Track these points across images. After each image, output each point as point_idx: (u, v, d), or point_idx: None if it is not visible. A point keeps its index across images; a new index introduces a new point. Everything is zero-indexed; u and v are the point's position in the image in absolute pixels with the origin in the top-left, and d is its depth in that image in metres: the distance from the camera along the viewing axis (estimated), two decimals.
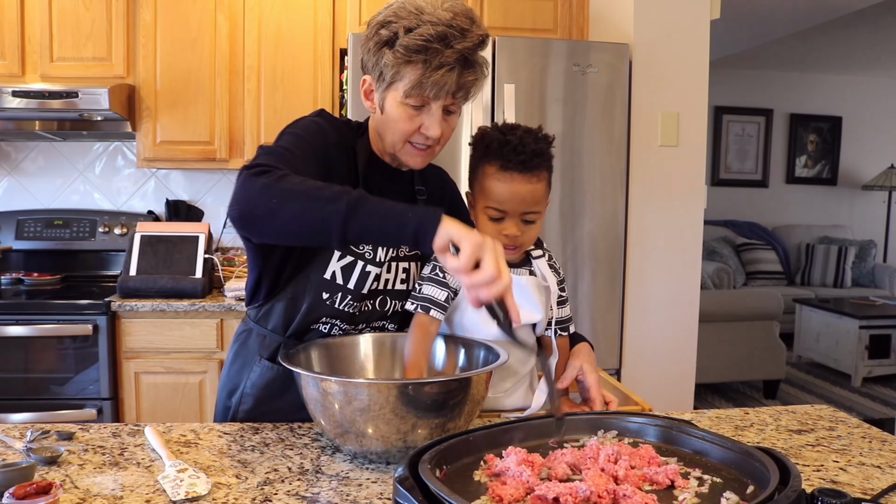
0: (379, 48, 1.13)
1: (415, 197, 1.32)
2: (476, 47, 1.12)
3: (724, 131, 6.91)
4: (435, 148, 1.21)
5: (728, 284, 5.82)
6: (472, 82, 1.14)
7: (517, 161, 1.19)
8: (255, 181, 0.98)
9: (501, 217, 1.22)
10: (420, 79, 1.10)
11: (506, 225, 1.22)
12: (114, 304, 2.52)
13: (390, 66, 1.12)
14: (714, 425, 1.22)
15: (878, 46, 5.87)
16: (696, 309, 2.83)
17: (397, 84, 1.13)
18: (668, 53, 2.72)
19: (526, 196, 1.21)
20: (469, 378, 1.01)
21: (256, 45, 2.82)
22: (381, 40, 1.13)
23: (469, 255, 0.89)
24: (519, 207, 1.21)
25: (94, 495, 0.90)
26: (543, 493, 0.74)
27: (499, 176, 1.20)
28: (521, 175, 1.19)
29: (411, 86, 1.11)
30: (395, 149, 1.21)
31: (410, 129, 1.16)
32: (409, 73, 1.11)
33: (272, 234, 1.03)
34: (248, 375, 1.27)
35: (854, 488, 0.96)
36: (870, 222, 7.16)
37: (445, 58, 1.09)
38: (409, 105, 1.14)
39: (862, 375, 4.82)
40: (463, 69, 1.11)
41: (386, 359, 1.25)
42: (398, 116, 1.16)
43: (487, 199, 1.22)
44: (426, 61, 1.09)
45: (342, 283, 1.20)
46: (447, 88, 1.11)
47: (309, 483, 0.96)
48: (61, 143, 3.13)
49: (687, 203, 2.79)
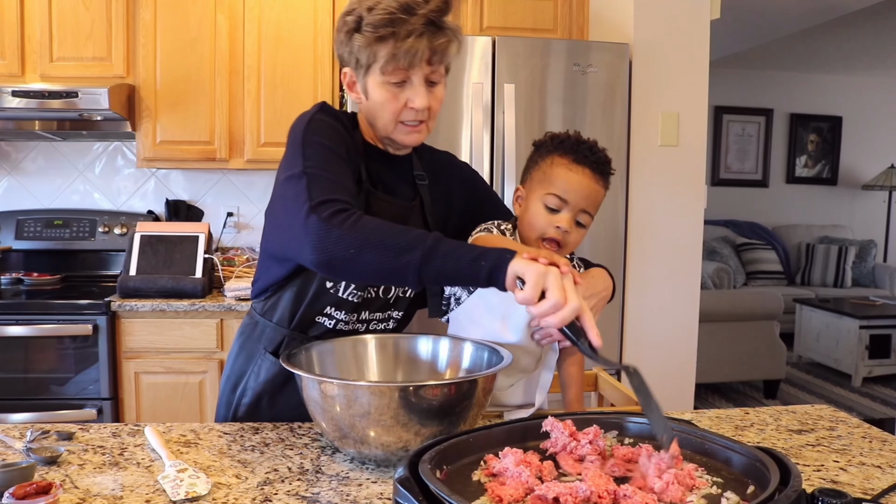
0: (349, 36, 1.15)
1: (415, 182, 1.32)
2: (440, 11, 1.13)
3: (724, 131, 6.91)
4: (428, 123, 1.21)
5: (728, 284, 5.82)
6: (444, 44, 1.14)
7: (592, 159, 1.24)
8: (331, 230, 1.00)
9: (559, 209, 1.23)
10: (392, 51, 1.11)
11: (561, 216, 1.23)
12: (114, 303, 2.52)
13: (363, 49, 1.14)
14: (714, 425, 1.22)
15: (879, 46, 5.87)
16: (696, 309, 2.83)
17: (374, 66, 1.14)
18: (668, 53, 2.72)
19: (591, 193, 1.24)
20: (474, 381, 1.00)
21: (256, 45, 2.82)
22: (349, 28, 1.15)
23: (533, 285, 0.91)
24: (580, 202, 1.23)
25: (94, 495, 0.90)
26: (543, 493, 0.74)
27: (571, 167, 1.23)
28: (591, 172, 1.23)
29: (386, 61, 1.12)
30: (387, 131, 1.21)
31: (397, 107, 1.17)
32: (382, 50, 1.12)
33: (351, 280, 1.13)
34: (252, 369, 1.28)
35: (854, 488, 0.96)
36: (870, 222, 7.16)
37: (412, 25, 1.10)
38: (390, 83, 1.15)
39: (862, 375, 4.82)
40: (432, 34, 1.12)
41: (389, 362, 1.25)
42: (383, 97, 1.17)
43: (552, 186, 1.23)
44: (394, 33, 1.11)
45: None
46: (420, 55, 1.12)
47: (309, 483, 0.96)
48: (61, 143, 3.13)
49: (687, 203, 2.79)
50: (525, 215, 1.27)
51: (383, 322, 1.30)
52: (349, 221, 1.00)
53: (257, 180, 3.20)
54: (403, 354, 1.25)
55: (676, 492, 0.75)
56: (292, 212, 1.06)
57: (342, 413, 0.97)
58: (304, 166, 1.09)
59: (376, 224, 1.01)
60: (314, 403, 1.02)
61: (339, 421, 0.98)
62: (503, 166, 2.52)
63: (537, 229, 1.25)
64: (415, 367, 1.24)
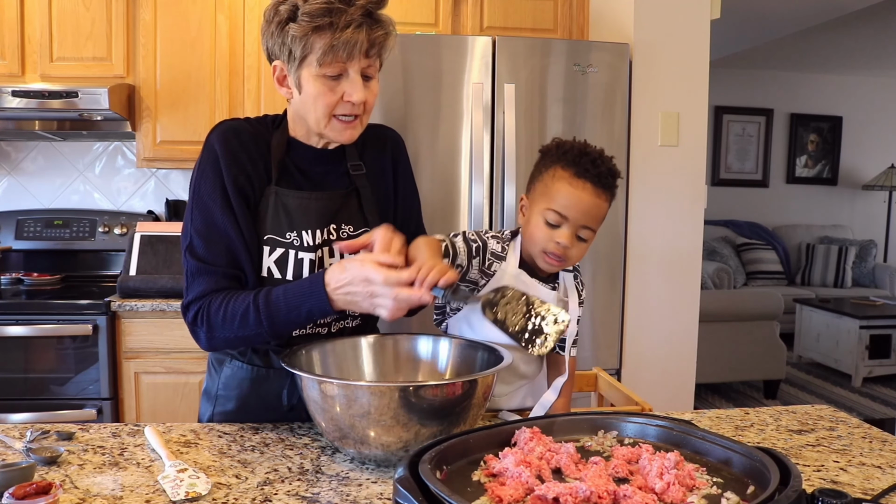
0: (282, 27, 1.12)
1: (349, 173, 1.27)
2: (378, 2, 1.11)
3: (724, 131, 6.91)
4: (362, 118, 1.19)
5: (728, 284, 5.82)
6: (382, 37, 1.12)
7: (594, 173, 1.21)
8: (198, 333, 1.17)
9: (559, 224, 1.22)
10: (330, 41, 1.08)
11: (561, 232, 1.22)
12: (114, 304, 2.52)
13: (298, 40, 1.10)
14: (714, 425, 1.22)
15: (879, 46, 5.87)
16: (696, 309, 2.83)
17: (309, 57, 1.11)
18: (668, 53, 2.72)
19: (591, 209, 1.22)
20: (474, 381, 1.00)
21: (256, 45, 2.82)
22: (281, 19, 1.12)
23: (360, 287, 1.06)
24: (580, 219, 1.22)
25: (94, 495, 0.90)
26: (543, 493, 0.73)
27: (571, 181, 1.21)
28: (593, 187, 1.21)
29: (323, 52, 1.09)
30: (320, 127, 1.18)
31: (333, 100, 1.14)
32: (318, 41, 1.09)
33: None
34: (220, 377, 1.28)
35: (854, 488, 0.96)
36: (870, 222, 7.16)
37: (350, 15, 1.08)
38: (326, 77, 1.12)
39: (862, 375, 4.82)
40: (370, 26, 1.10)
41: (389, 362, 1.24)
42: (317, 91, 1.13)
43: (552, 201, 1.22)
44: (332, 24, 1.08)
45: (280, 276, 1.19)
46: (359, 46, 1.09)
47: (309, 483, 0.96)
48: (61, 143, 3.13)
49: (687, 203, 2.79)
50: (527, 227, 1.27)
51: (341, 321, 1.26)
52: (205, 325, 1.15)
53: None
54: (403, 354, 1.25)
55: (678, 493, 0.75)
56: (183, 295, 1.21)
57: (342, 413, 0.97)
58: (189, 249, 1.19)
59: (221, 317, 1.14)
60: (314, 403, 1.01)
61: (339, 421, 0.98)
62: (503, 167, 2.52)
63: (538, 243, 1.24)
64: (415, 367, 1.24)
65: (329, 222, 1.23)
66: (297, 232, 1.20)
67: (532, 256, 1.28)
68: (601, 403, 1.60)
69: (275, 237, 1.19)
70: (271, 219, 1.20)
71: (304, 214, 1.20)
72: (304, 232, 1.20)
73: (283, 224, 1.20)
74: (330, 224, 1.23)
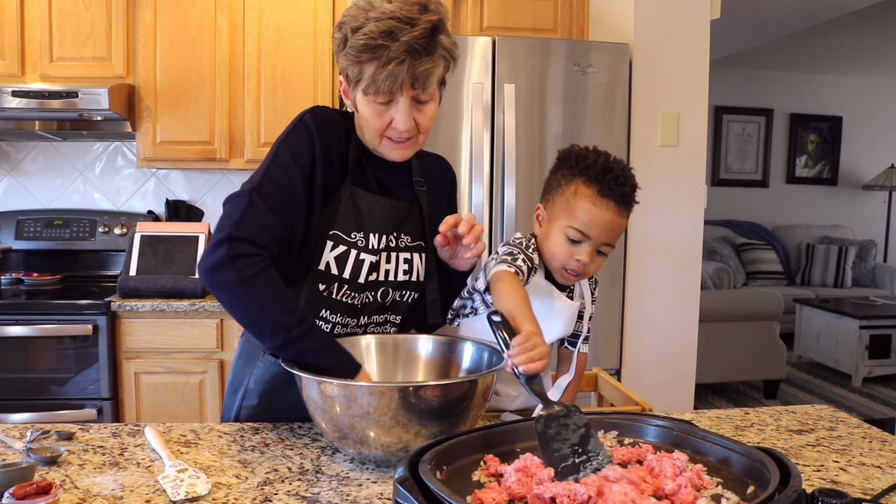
0: (340, 51, 1.15)
1: (413, 187, 1.31)
2: (427, 36, 1.10)
3: (724, 131, 6.91)
4: (417, 138, 1.21)
5: (728, 284, 5.82)
6: (428, 70, 1.12)
7: (618, 192, 1.19)
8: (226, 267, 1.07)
9: (580, 241, 1.21)
10: (374, 75, 1.11)
11: (582, 250, 1.21)
12: (114, 304, 2.52)
13: (350, 67, 1.14)
14: (714, 425, 1.22)
15: (878, 46, 5.87)
16: (696, 309, 2.83)
17: (360, 83, 1.14)
18: (668, 53, 2.72)
19: (614, 227, 1.21)
20: (474, 381, 1.00)
21: (256, 45, 2.82)
22: (337, 43, 1.15)
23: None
24: (602, 237, 1.21)
25: (94, 495, 0.90)
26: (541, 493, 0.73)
27: (595, 200, 1.19)
28: (616, 206, 1.20)
29: (367, 83, 1.12)
30: (373, 145, 1.21)
31: (381, 125, 1.17)
32: (366, 71, 1.12)
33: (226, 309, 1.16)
34: (252, 371, 1.27)
35: (854, 488, 0.96)
36: (870, 222, 7.16)
37: (392, 52, 1.08)
38: (376, 102, 1.14)
39: (862, 375, 4.82)
40: (414, 60, 1.10)
41: (389, 362, 1.25)
42: (368, 114, 1.17)
43: (573, 219, 1.21)
44: (374, 59, 1.10)
45: (337, 273, 1.20)
46: (400, 80, 1.10)
47: (309, 483, 0.96)
48: (61, 143, 3.13)
49: (687, 203, 2.79)
50: (546, 243, 1.26)
51: (381, 326, 1.30)
52: (247, 272, 1.07)
53: None
54: (403, 354, 1.25)
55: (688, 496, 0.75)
56: (221, 220, 1.12)
57: (342, 413, 0.97)
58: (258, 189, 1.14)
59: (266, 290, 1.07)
60: (314, 404, 1.01)
61: (339, 421, 0.98)
62: (503, 166, 2.52)
63: (559, 260, 1.24)
64: (415, 367, 1.24)
65: (394, 229, 1.25)
66: (364, 233, 1.21)
67: (551, 270, 1.27)
68: (601, 403, 1.60)
69: (340, 234, 1.20)
70: (342, 216, 1.20)
71: (374, 217, 1.22)
72: (371, 234, 1.22)
73: (352, 223, 1.21)
74: (394, 231, 1.25)
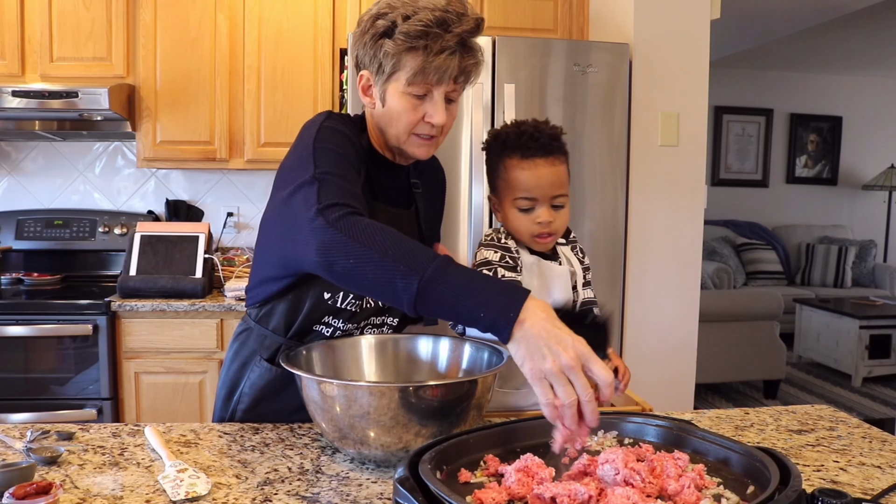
0: (376, 40, 1.13)
1: (411, 189, 1.32)
2: (473, 31, 1.12)
3: (724, 131, 6.91)
4: (439, 138, 1.20)
5: (728, 284, 5.82)
6: (472, 66, 1.14)
7: (537, 147, 1.23)
8: (336, 234, 0.96)
9: (531, 206, 1.25)
10: (423, 65, 1.10)
11: (538, 213, 1.25)
12: (114, 304, 2.52)
13: (390, 56, 1.11)
14: (714, 425, 1.22)
15: (878, 46, 5.86)
16: (696, 309, 2.83)
17: (398, 74, 1.12)
18: (668, 53, 2.72)
19: (552, 179, 1.24)
20: (474, 381, 1.00)
21: (256, 45, 2.82)
22: (377, 32, 1.12)
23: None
24: (547, 192, 1.24)
25: (94, 495, 0.90)
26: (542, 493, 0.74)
27: (522, 164, 1.24)
28: (543, 159, 1.24)
29: (413, 73, 1.11)
30: (399, 141, 1.19)
31: (414, 119, 1.15)
32: (411, 61, 1.10)
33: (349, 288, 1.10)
34: (247, 375, 1.27)
35: (854, 488, 0.96)
36: (870, 222, 7.15)
37: (446, 42, 1.09)
38: (411, 95, 1.13)
39: (862, 375, 4.82)
40: (463, 53, 1.12)
41: (389, 362, 1.25)
42: (401, 108, 1.15)
43: (515, 190, 1.25)
44: (427, 47, 1.09)
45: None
46: (450, 72, 1.11)
47: (309, 483, 0.96)
48: (61, 143, 3.13)
49: (687, 203, 2.78)
50: (507, 223, 1.30)
51: (379, 328, 1.30)
52: (357, 228, 0.95)
53: (257, 180, 3.20)
54: (403, 354, 1.25)
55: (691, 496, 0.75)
56: (299, 214, 1.01)
57: (342, 413, 0.97)
58: (315, 172, 1.05)
59: (383, 234, 0.94)
60: (314, 404, 1.01)
61: (339, 421, 0.98)
62: None
63: (524, 231, 1.28)
64: (415, 367, 1.24)
65: None
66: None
67: (527, 243, 1.31)
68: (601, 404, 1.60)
69: None
70: None
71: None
72: None
73: None
74: None
